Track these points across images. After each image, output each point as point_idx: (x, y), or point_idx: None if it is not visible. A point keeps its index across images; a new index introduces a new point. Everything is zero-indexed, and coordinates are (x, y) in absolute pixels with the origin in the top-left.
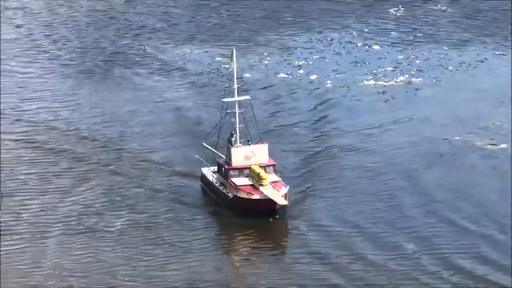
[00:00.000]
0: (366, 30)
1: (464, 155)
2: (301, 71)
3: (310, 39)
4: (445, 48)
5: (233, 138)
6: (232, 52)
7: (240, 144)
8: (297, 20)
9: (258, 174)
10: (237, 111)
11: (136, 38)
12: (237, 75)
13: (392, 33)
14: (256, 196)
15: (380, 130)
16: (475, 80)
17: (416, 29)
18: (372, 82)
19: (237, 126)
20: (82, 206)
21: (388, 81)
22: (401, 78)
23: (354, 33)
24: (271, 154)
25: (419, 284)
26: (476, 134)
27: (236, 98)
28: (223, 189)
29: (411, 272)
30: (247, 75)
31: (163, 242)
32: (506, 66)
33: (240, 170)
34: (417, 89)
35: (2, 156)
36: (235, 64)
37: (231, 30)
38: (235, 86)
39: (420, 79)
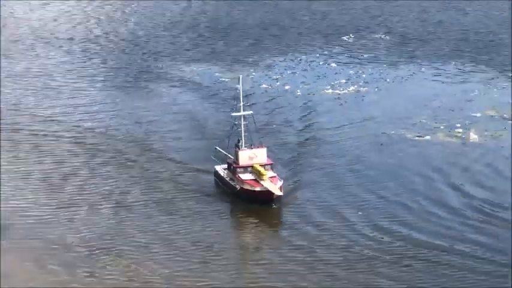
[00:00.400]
0: (326, 52)
1: (398, 144)
2: (278, 83)
3: (285, 59)
4: (384, 65)
5: (240, 144)
6: (239, 78)
7: (245, 148)
8: (274, 46)
9: (259, 171)
10: (242, 122)
11: (156, 59)
12: (230, 87)
13: (345, 54)
14: (258, 188)
15: (337, 127)
16: (406, 89)
17: (362, 51)
18: (330, 91)
19: (243, 134)
20: (116, 187)
21: (342, 90)
22: (352, 88)
23: (317, 54)
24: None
25: (366, 237)
26: (407, 129)
27: (242, 113)
28: (232, 182)
29: (357, 236)
30: (238, 86)
31: (178, 217)
32: (427, 79)
33: (245, 168)
34: (363, 96)
35: (57, 151)
36: (241, 87)
37: (225, 53)
38: (241, 103)
39: (366, 89)
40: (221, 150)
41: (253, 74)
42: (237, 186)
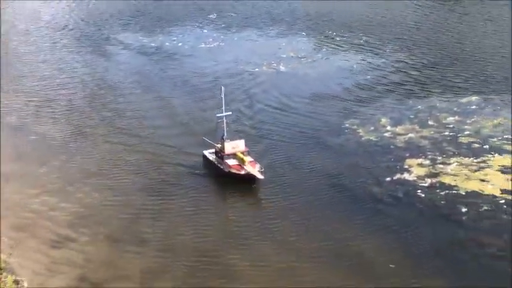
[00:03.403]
0: (202, 24)
1: (241, 75)
2: (175, 42)
3: (179, 29)
4: (233, 31)
5: (224, 137)
6: (221, 88)
7: (229, 140)
8: (173, 22)
9: (242, 159)
10: (225, 121)
11: (109, 32)
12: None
13: (211, 25)
14: (243, 172)
15: (204, 66)
16: (244, 44)
17: (221, 23)
18: (203, 45)
19: (225, 129)
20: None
21: (209, 44)
22: (214, 43)
23: (196, 25)
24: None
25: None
26: (246, 65)
27: (224, 114)
28: (220, 166)
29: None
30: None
31: (173, 187)
32: (256, 39)
33: (230, 155)
34: (221, 48)
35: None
36: (223, 95)
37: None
38: (223, 107)
39: (223, 43)
40: (208, 140)
41: (160, 38)
42: (226, 170)
